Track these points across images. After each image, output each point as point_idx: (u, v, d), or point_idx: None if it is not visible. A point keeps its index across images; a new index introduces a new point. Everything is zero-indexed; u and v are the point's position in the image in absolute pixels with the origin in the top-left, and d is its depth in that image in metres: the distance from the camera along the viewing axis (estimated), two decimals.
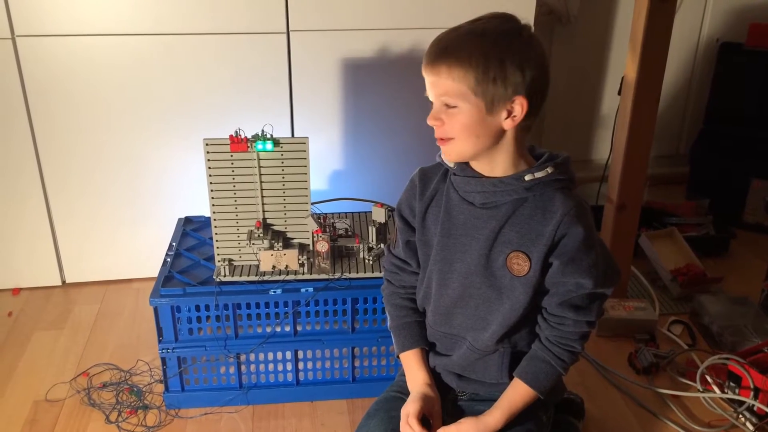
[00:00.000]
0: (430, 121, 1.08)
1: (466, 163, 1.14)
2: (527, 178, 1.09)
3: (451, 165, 1.15)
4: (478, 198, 1.12)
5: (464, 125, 1.06)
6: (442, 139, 1.09)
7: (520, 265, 1.11)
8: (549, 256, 1.10)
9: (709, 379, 1.63)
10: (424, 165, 1.23)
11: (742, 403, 1.56)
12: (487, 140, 1.07)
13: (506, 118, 1.05)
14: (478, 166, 1.13)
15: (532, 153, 1.15)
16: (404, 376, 1.27)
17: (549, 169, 1.09)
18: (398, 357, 1.27)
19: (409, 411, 1.15)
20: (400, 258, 1.27)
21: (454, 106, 1.05)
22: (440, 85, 1.05)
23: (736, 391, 1.58)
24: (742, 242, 2.30)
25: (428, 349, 1.25)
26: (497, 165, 1.11)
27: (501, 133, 1.07)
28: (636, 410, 1.60)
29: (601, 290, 1.13)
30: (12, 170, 1.91)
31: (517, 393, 1.17)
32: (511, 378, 1.19)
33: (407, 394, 1.23)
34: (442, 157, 1.16)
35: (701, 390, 1.62)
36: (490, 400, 1.19)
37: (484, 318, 1.17)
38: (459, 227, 1.15)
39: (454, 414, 1.23)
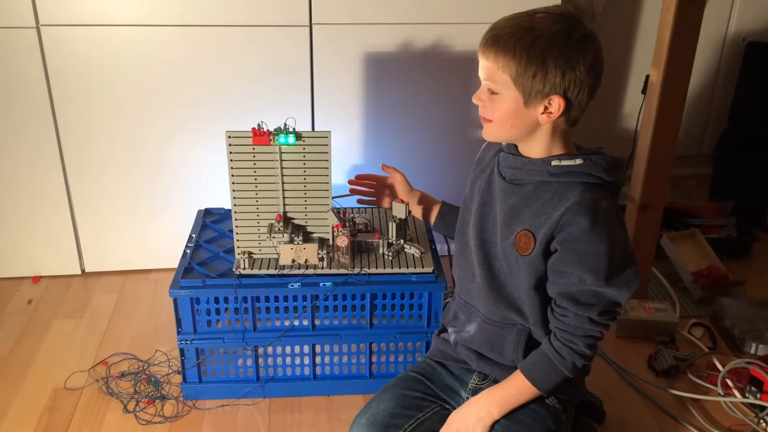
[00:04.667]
0: (474, 99, 1.14)
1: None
2: (554, 163, 1.11)
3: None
4: (509, 173, 1.16)
5: (501, 113, 1.11)
6: (483, 118, 1.15)
7: (526, 243, 1.13)
8: (552, 242, 1.11)
9: (730, 383, 1.61)
10: (444, 159, 1.28)
11: (763, 408, 1.54)
12: (521, 130, 1.12)
13: (542, 113, 1.09)
14: (519, 146, 1.17)
15: (586, 149, 1.16)
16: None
17: (578, 161, 1.11)
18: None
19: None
20: None
21: (496, 93, 1.10)
22: (487, 69, 1.10)
23: (758, 395, 1.56)
24: (765, 245, 2.27)
25: (442, 207, 1.47)
26: (533, 149, 1.14)
27: (536, 125, 1.11)
28: (655, 413, 1.59)
29: (607, 291, 1.10)
30: (34, 159, 1.92)
31: (512, 380, 1.19)
32: None
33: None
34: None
35: (722, 394, 1.60)
36: None
37: (497, 290, 1.20)
38: (493, 199, 1.19)
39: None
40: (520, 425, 1.17)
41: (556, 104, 1.07)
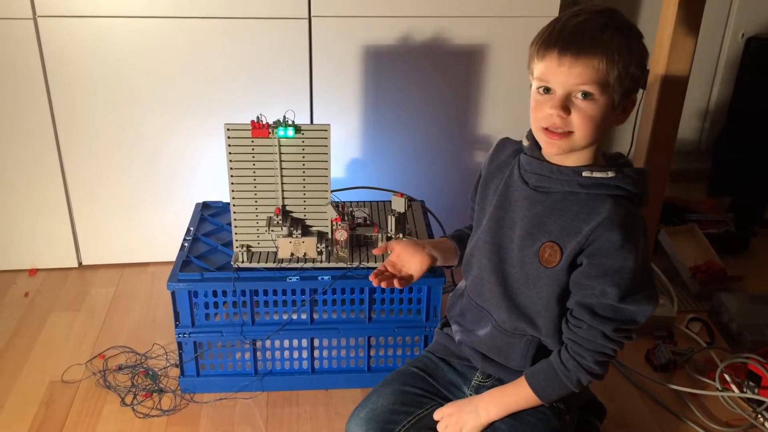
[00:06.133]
0: (553, 111, 1.03)
1: (536, 144, 1.12)
2: (585, 174, 1.07)
3: (526, 143, 1.15)
4: (533, 179, 1.12)
5: (592, 117, 1.03)
6: (558, 132, 1.05)
7: (551, 255, 1.10)
8: (579, 255, 1.08)
9: (727, 378, 1.62)
10: (444, 153, 1.23)
11: (761, 402, 1.54)
12: (600, 134, 1.06)
13: (620, 113, 1.06)
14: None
15: (610, 156, 1.14)
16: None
17: (610, 173, 1.07)
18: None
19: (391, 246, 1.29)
20: (472, 201, 1.28)
21: (590, 96, 1.02)
22: (578, 75, 1.01)
23: (756, 390, 1.56)
24: (763, 241, 2.27)
25: (455, 244, 1.31)
26: (567, 159, 1.09)
27: (609, 128, 1.08)
28: (653, 408, 1.59)
29: (627, 307, 1.08)
30: (31, 151, 1.91)
31: (514, 385, 1.17)
32: None
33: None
34: (540, 145, 1.13)
35: (720, 389, 1.61)
36: None
37: (511, 298, 1.17)
38: (512, 203, 1.15)
39: None
40: (524, 424, 1.16)
41: (633, 101, 1.05)
